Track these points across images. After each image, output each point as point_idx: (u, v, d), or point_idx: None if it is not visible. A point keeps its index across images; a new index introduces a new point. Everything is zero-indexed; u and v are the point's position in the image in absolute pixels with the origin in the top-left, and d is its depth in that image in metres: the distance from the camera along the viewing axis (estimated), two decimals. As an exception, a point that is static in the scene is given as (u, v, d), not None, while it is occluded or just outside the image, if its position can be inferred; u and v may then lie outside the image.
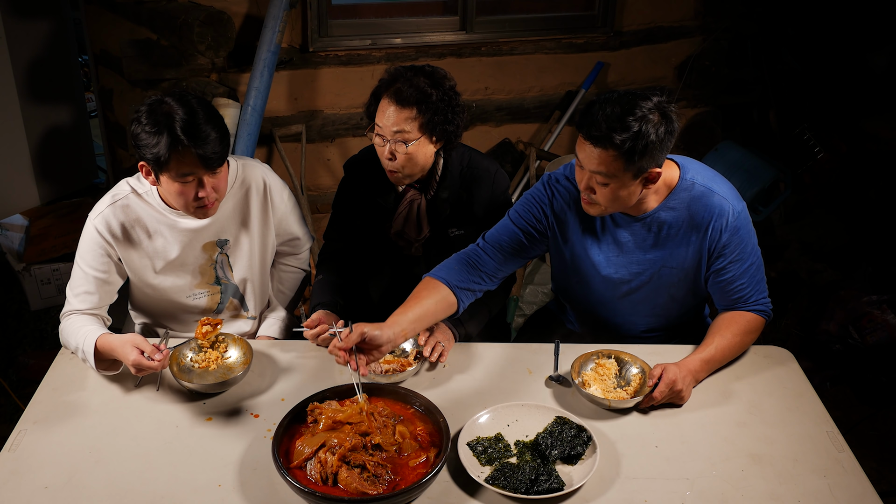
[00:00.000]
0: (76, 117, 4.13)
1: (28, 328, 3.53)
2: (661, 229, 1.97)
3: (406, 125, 2.01)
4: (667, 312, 2.13)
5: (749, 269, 1.97)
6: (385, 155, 2.05)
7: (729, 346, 1.95)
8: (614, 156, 1.77)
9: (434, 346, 1.99)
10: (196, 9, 3.26)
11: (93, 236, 2.00)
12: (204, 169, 1.87)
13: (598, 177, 1.82)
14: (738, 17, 4.25)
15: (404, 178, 2.11)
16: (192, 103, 1.85)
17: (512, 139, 4.17)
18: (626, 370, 1.95)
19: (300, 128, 3.80)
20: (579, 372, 1.93)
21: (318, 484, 1.60)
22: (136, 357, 1.81)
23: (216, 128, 1.86)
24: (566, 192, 2.03)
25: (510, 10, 4.05)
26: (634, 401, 1.84)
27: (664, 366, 1.85)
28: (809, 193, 4.15)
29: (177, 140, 1.81)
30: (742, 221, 1.94)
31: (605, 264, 2.05)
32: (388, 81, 2.06)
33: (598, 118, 1.77)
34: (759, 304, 2.00)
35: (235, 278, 2.19)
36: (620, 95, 1.80)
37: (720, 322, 2.00)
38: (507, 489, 1.62)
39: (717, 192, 1.93)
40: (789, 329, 3.44)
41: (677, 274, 2.02)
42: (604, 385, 1.92)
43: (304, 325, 2.03)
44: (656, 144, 1.77)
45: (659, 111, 1.78)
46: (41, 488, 1.64)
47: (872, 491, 1.66)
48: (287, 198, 2.19)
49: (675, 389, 1.82)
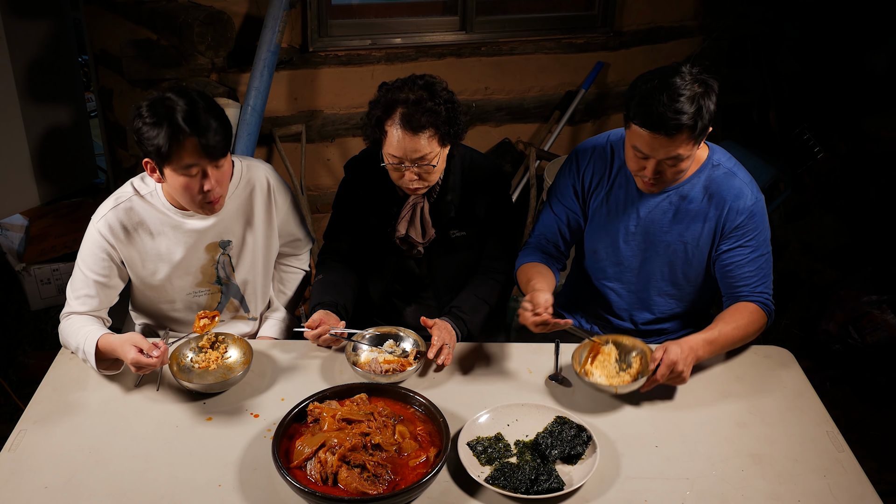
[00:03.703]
0: (76, 117, 4.13)
1: (28, 328, 3.53)
2: (682, 201, 2.04)
3: (426, 148, 1.98)
4: (679, 293, 2.17)
5: (758, 259, 2.03)
6: (409, 178, 2.03)
7: (732, 333, 1.98)
8: (686, 136, 1.85)
9: (441, 347, 1.99)
10: (196, 9, 3.26)
11: (95, 239, 2.00)
12: (207, 159, 1.86)
13: (669, 160, 1.89)
14: (738, 17, 4.25)
15: (426, 189, 2.10)
16: (192, 95, 1.86)
17: (512, 139, 4.17)
18: (625, 354, 1.97)
19: (300, 128, 3.79)
20: (580, 362, 1.94)
21: (318, 484, 1.60)
22: (135, 355, 1.81)
23: (217, 118, 1.86)
24: (596, 163, 2.14)
25: (510, 10, 4.05)
26: (638, 383, 1.85)
27: (665, 346, 1.87)
28: (809, 193, 4.15)
29: (178, 129, 1.81)
30: (758, 209, 2.02)
31: (625, 234, 2.12)
32: (385, 108, 2.00)
33: (660, 112, 1.81)
34: (762, 297, 2.04)
35: (237, 279, 2.19)
36: (659, 82, 1.83)
37: (725, 312, 2.04)
38: (507, 489, 1.62)
39: (738, 176, 2.02)
40: (789, 329, 3.44)
41: (692, 249, 2.08)
42: (606, 371, 1.93)
43: (305, 326, 2.03)
44: (713, 110, 1.85)
45: (696, 81, 1.84)
46: (41, 488, 1.64)
47: (872, 491, 1.66)
48: (289, 198, 2.19)
49: (676, 371, 1.84)
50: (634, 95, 1.86)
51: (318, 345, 2.06)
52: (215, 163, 1.89)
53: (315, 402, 1.76)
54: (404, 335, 2.06)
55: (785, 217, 4.11)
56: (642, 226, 2.10)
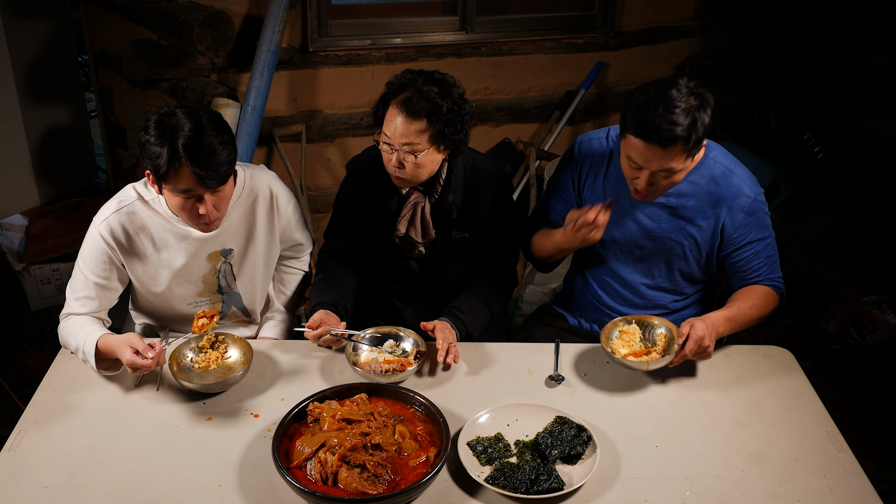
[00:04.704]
0: (76, 117, 4.13)
1: (28, 328, 3.53)
2: (680, 198, 2.07)
3: (415, 137, 1.98)
4: (676, 288, 2.21)
5: (765, 250, 2.09)
6: (393, 163, 2.03)
7: (750, 311, 2.05)
8: (680, 148, 1.87)
9: (448, 348, 1.98)
10: (196, 9, 3.26)
11: (96, 242, 1.99)
12: (202, 188, 1.84)
13: (662, 172, 1.91)
14: (738, 17, 4.25)
15: (410, 183, 2.10)
16: (201, 119, 1.81)
17: (512, 139, 4.17)
18: (649, 332, 2.02)
19: (300, 128, 3.79)
20: (608, 342, 1.99)
21: (318, 484, 1.60)
22: (130, 356, 1.81)
23: (223, 144, 1.82)
24: (594, 156, 2.18)
25: (510, 10, 4.05)
26: (667, 359, 1.90)
27: (691, 322, 1.92)
28: (809, 193, 4.15)
29: (176, 156, 1.78)
30: (759, 204, 2.06)
31: (623, 229, 2.15)
32: (397, 88, 2.01)
33: (655, 123, 1.83)
34: (775, 281, 2.11)
35: (239, 287, 2.19)
36: (655, 93, 1.85)
37: (740, 293, 2.10)
38: (507, 489, 1.62)
39: (736, 174, 2.05)
40: (789, 329, 3.44)
41: (689, 246, 2.11)
42: (632, 350, 1.98)
43: (305, 326, 2.03)
44: (707, 124, 1.88)
45: (692, 94, 1.86)
46: (41, 488, 1.64)
47: (872, 491, 1.66)
48: (292, 206, 2.18)
49: (703, 346, 1.89)
50: (631, 106, 1.88)
51: (319, 345, 2.06)
52: (212, 190, 1.87)
53: (315, 402, 1.76)
54: (404, 335, 2.06)
55: (785, 217, 4.11)
56: (640, 222, 2.12)
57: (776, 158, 4.07)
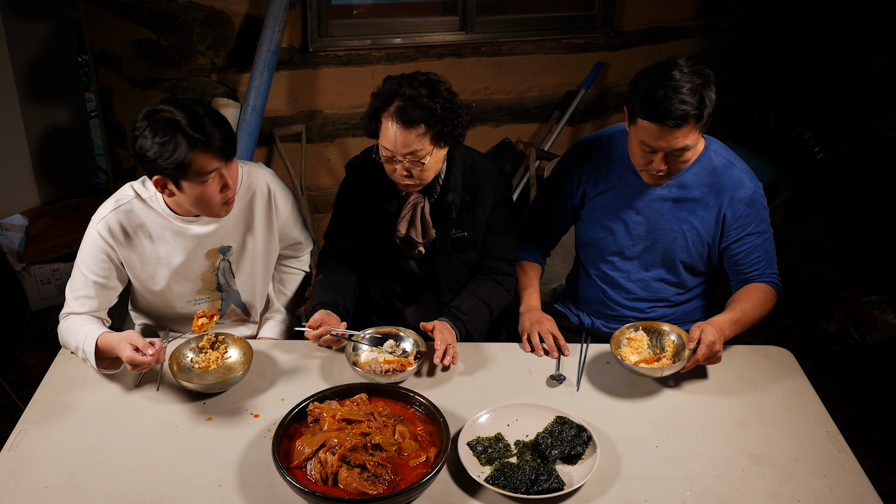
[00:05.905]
0: (76, 117, 4.13)
1: (28, 328, 3.53)
2: (682, 190, 2.09)
3: (417, 144, 1.97)
4: (679, 281, 2.22)
5: (763, 243, 2.12)
6: (399, 173, 2.03)
7: (752, 312, 2.06)
8: (692, 125, 1.91)
9: (446, 349, 1.98)
10: (196, 9, 3.26)
11: (95, 241, 1.99)
12: (224, 160, 1.87)
13: (676, 152, 1.94)
14: (738, 18, 4.25)
15: (419, 187, 2.10)
16: (186, 104, 1.85)
17: (512, 139, 4.17)
18: (657, 339, 2.02)
19: (300, 128, 3.79)
20: (618, 349, 1.99)
21: (318, 484, 1.60)
22: (130, 353, 1.81)
23: (217, 119, 1.87)
24: (594, 157, 2.20)
25: (510, 10, 4.05)
26: (679, 365, 1.90)
27: (701, 326, 1.92)
28: (809, 193, 4.15)
29: (193, 140, 1.81)
30: (758, 197, 2.10)
31: (625, 224, 2.17)
32: (384, 99, 2.00)
33: (666, 105, 1.86)
34: (771, 277, 2.13)
35: (238, 285, 2.19)
36: (660, 77, 1.89)
37: (739, 293, 2.11)
38: (507, 489, 1.62)
39: (736, 166, 2.09)
40: (789, 329, 3.44)
41: (692, 238, 2.12)
42: (641, 357, 1.98)
43: (305, 326, 2.03)
44: (714, 99, 1.92)
45: (694, 73, 1.90)
46: (41, 488, 1.64)
47: (872, 491, 1.66)
48: (290, 203, 2.19)
49: (714, 350, 1.90)
50: (638, 91, 1.92)
51: (319, 345, 2.06)
52: (229, 162, 1.90)
53: (315, 402, 1.76)
54: (404, 335, 2.06)
55: (785, 217, 4.11)
56: (643, 215, 2.14)
57: (776, 158, 4.07)
